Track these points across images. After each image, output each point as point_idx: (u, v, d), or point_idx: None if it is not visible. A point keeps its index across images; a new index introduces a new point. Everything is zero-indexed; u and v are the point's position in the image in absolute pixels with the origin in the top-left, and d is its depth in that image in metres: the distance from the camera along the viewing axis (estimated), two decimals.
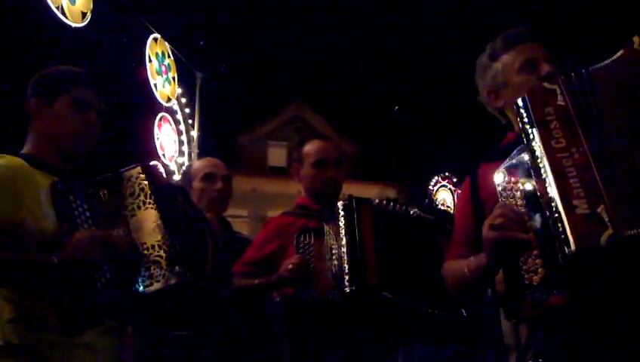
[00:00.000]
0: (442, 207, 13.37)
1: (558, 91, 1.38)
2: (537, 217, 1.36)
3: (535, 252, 1.36)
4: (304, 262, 2.19)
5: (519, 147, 1.44)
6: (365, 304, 2.06)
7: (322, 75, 17.02)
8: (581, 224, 1.24)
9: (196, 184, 2.94)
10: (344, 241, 2.06)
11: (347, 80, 16.61)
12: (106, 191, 1.82)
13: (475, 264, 1.60)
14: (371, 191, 15.84)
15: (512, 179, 1.44)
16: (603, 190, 1.26)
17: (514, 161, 1.45)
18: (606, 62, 1.40)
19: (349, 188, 2.53)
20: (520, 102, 1.41)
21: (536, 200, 1.36)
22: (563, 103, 1.36)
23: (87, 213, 1.78)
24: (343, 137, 18.90)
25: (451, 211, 11.84)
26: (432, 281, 2.10)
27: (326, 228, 2.20)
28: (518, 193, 1.42)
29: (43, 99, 1.90)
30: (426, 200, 13.96)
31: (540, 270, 1.35)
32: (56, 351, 1.71)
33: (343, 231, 2.08)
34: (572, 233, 1.24)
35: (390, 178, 17.03)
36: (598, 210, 1.24)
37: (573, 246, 1.23)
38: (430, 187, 14.43)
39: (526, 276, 1.37)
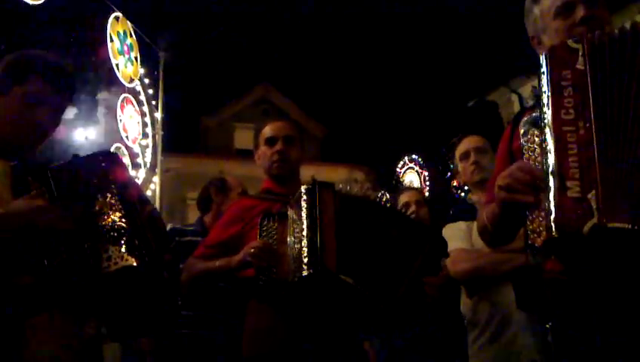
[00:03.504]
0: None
1: (581, 53, 1.27)
2: (550, 179, 1.28)
3: (543, 213, 1.30)
4: (266, 246, 2.17)
5: None
6: (323, 288, 2.05)
7: (289, 55, 16.91)
8: (569, 208, 1.21)
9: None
10: (305, 225, 2.05)
11: (315, 61, 16.54)
12: (65, 175, 1.76)
13: (490, 212, 1.58)
14: (339, 173, 15.89)
15: (535, 131, 1.38)
16: (599, 175, 1.21)
17: (538, 113, 1.36)
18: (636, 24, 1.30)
19: (318, 170, 2.51)
20: (542, 58, 1.31)
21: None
22: (582, 67, 1.27)
23: (46, 195, 1.72)
24: (311, 119, 18.87)
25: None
26: (394, 266, 2.11)
27: (290, 211, 2.18)
28: (537, 149, 1.36)
29: (1, 85, 1.83)
30: (394, 181, 14.05)
31: (543, 233, 1.30)
32: (6, 331, 1.65)
33: (304, 215, 2.07)
34: (557, 215, 1.22)
35: (358, 160, 17.09)
36: (589, 195, 1.21)
37: (557, 229, 1.22)
38: (398, 169, 14.51)
39: (531, 236, 1.34)
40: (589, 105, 1.25)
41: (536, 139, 1.36)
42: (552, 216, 1.23)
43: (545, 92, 1.29)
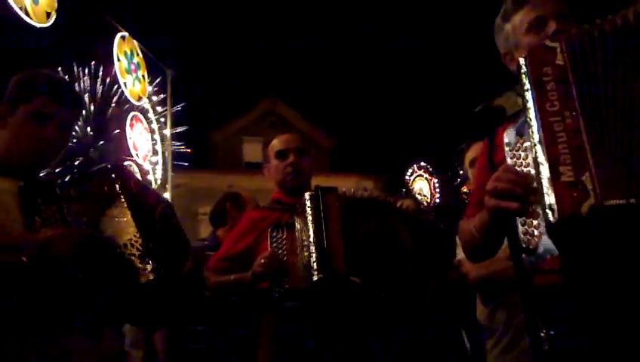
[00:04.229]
0: (419, 197, 13.44)
1: (559, 50, 1.33)
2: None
3: (536, 215, 1.32)
4: (276, 257, 2.19)
5: None
6: (335, 291, 2.06)
7: (296, 68, 16.98)
8: (565, 192, 1.23)
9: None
10: (311, 231, 2.06)
11: (321, 73, 16.60)
12: (74, 192, 1.79)
13: (480, 222, 1.59)
14: (349, 184, 15.87)
15: (519, 138, 1.41)
16: (590, 158, 1.24)
17: (521, 121, 1.41)
18: (611, 20, 1.33)
19: (327, 181, 2.52)
20: (522, 60, 1.36)
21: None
22: (562, 63, 1.32)
23: (57, 215, 1.74)
24: (319, 130, 18.91)
25: (427, 200, 11.93)
26: (399, 266, 2.12)
27: (297, 221, 2.19)
28: (523, 153, 1.39)
29: (9, 105, 1.86)
30: (403, 190, 14.03)
31: (537, 234, 1.32)
32: (31, 354, 1.66)
33: (310, 222, 2.08)
34: (556, 200, 1.23)
35: (367, 169, 17.08)
36: (583, 178, 1.22)
37: (555, 215, 1.22)
38: (407, 177, 14.50)
39: (525, 238, 1.35)
40: (573, 96, 1.29)
41: (522, 146, 1.40)
42: (548, 203, 1.24)
43: (528, 90, 1.33)
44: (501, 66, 1.79)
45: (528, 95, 1.33)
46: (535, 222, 1.33)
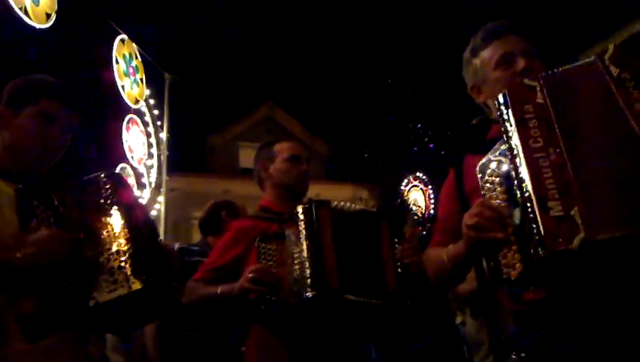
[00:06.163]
0: (414, 207, 13.45)
1: (538, 88, 1.37)
2: (517, 212, 1.36)
3: (514, 247, 1.36)
4: (265, 269, 2.18)
5: (501, 140, 1.43)
6: (328, 308, 2.06)
7: (295, 76, 17.01)
8: (554, 226, 1.24)
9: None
10: (304, 246, 2.06)
11: (319, 80, 16.63)
12: (70, 198, 1.79)
13: (453, 253, 1.61)
14: (344, 192, 15.88)
15: (495, 172, 1.44)
16: (578, 192, 1.26)
17: (497, 154, 1.45)
18: (584, 61, 1.38)
19: (322, 189, 2.54)
20: (500, 98, 1.40)
21: (517, 195, 1.36)
22: (542, 101, 1.35)
23: (51, 219, 1.75)
24: (315, 138, 18.93)
25: (422, 211, 11.94)
26: (374, 265, 2.14)
27: (287, 232, 2.19)
28: (499, 187, 1.42)
29: (11, 108, 1.88)
30: (398, 200, 14.04)
31: (517, 265, 1.35)
32: (16, 358, 1.66)
33: (303, 236, 2.08)
34: (545, 235, 1.24)
35: (363, 178, 17.10)
36: (572, 212, 1.24)
37: (545, 249, 1.24)
38: (402, 187, 14.51)
39: (504, 270, 1.37)
40: (556, 132, 1.32)
41: (496, 179, 1.43)
42: (538, 238, 1.26)
43: (509, 126, 1.36)
44: None
45: (511, 131, 1.36)
46: (516, 255, 1.36)
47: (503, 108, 1.38)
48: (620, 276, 1.34)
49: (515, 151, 1.34)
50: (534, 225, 1.27)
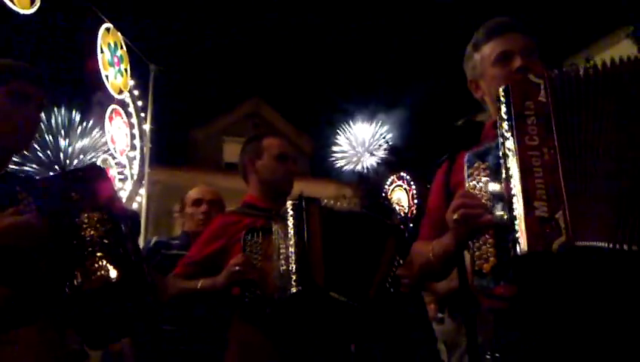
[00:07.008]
0: (397, 207, 13.47)
1: (542, 86, 1.35)
2: (499, 206, 1.35)
3: (490, 240, 1.35)
4: (249, 262, 2.15)
5: (495, 137, 1.41)
6: (312, 304, 2.05)
7: (282, 71, 16.97)
8: (537, 227, 1.24)
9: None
10: (292, 241, 2.04)
11: (305, 77, 16.61)
12: (53, 189, 1.78)
13: (439, 249, 1.60)
14: (328, 189, 15.88)
15: (481, 164, 1.43)
16: (565, 196, 1.25)
17: (485, 147, 1.44)
18: (595, 65, 1.36)
19: (306, 186, 2.52)
20: (502, 91, 1.38)
21: (500, 191, 1.35)
22: (544, 100, 1.34)
23: (33, 206, 1.71)
24: (301, 134, 18.90)
25: (405, 211, 11.97)
26: (366, 269, 2.12)
27: (274, 227, 2.16)
28: (484, 179, 1.41)
29: None
30: (382, 199, 14.05)
31: (491, 259, 1.34)
32: None
33: (291, 231, 2.06)
34: (527, 234, 1.24)
35: (347, 176, 17.14)
36: (557, 215, 1.24)
37: (525, 248, 1.23)
38: (386, 186, 14.52)
39: (477, 262, 1.37)
40: (553, 133, 1.31)
41: (482, 171, 1.42)
42: (518, 235, 1.25)
43: (507, 120, 1.35)
44: None
45: (507, 126, 1.35)
46: (491, 249, 1.35)
47: (503, 100, 1.37)
48: (596, 284, 1.34)
49: (509, 146, 1.33)
50: (517, 222, 1.26)
